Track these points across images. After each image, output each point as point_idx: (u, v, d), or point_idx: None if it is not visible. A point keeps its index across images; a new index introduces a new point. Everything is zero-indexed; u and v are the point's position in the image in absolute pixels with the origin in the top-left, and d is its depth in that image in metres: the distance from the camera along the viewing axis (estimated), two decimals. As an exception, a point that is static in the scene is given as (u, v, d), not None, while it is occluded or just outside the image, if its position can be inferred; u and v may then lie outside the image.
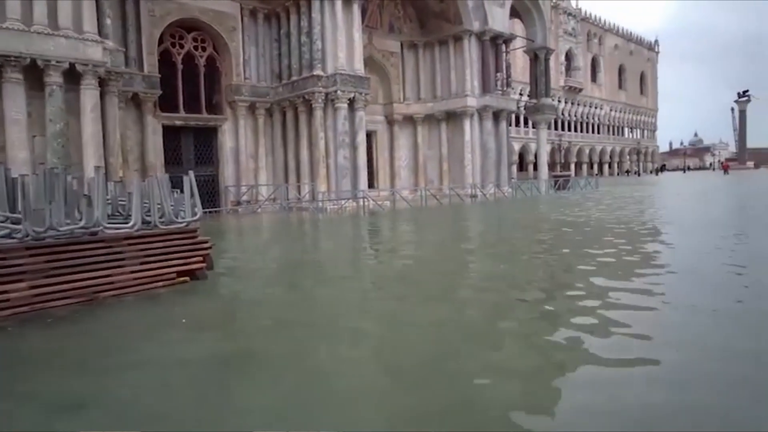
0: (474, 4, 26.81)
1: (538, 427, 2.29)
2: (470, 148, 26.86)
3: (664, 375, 2.78)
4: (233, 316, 4.62)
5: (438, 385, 2.76)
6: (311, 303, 4.89)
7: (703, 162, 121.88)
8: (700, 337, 3.39)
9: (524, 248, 8.22)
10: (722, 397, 2.46)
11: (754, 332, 3.48)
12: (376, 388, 2.78)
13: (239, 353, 3.45)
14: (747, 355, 3.03)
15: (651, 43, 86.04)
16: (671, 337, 3.42)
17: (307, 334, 3.79)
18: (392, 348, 3.47)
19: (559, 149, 60.63)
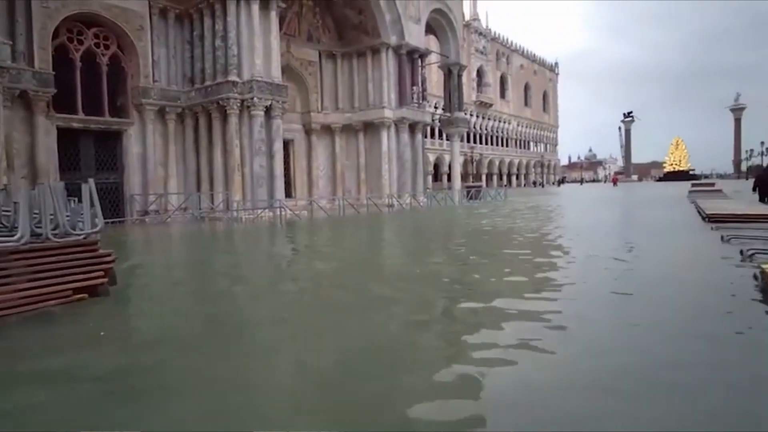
0: (391, 19, 27.58)
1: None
2: (387, 159, 27.46)
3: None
4: (132, 333, 4.39)
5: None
6: (217, 319, 4.76)
7: (596, 174, 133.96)
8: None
9: (436, 255, 8.60)
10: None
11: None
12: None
13: (134, 369, 3.32)
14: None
15: (552, 64, 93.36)
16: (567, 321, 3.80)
17: (206, 353, 3.70)
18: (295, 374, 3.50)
19: (472, 161, 63.64)
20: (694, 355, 3.24)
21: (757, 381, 2.85)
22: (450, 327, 4.28)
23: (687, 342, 3.49)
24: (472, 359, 3.32)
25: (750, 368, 3.05)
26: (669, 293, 5.08)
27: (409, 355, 3.50)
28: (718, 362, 3.11)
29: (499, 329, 3.99)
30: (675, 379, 2.82)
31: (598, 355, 3.31)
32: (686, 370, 2.96)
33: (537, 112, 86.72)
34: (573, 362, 3.19)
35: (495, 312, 4.55)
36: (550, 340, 3.60)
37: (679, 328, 3.84)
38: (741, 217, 10.97)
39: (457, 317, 4.56)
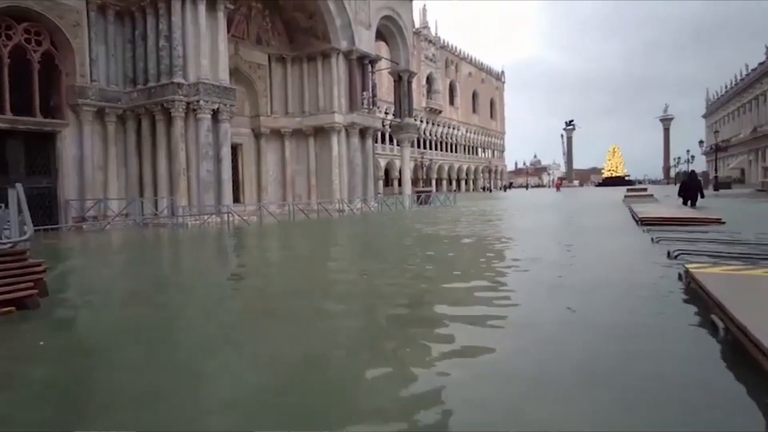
0: (342, 24, 27.63)
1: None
2: (338, 164, 27.41)
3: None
4: (59, 346, 4.17)
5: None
6: (150, 332, 4.58)
7: (541, 180, 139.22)
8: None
9: (383, 261, 8.67)
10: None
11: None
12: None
13: (60, 381, 3.16)
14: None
15: (499, 73, 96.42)
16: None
17: (135, 369, 3.57)
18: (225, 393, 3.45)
19: (422, 166, 64.57)
20: (619, 343, 3.46)
21: (672, 362, 3.07)
22: (397, 336, 4.34)
23: (616, 333, 3.72)
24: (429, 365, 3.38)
25: (664, 353, 3.29)
26: (604, 291, 5.38)
27: (349, 367, 3.52)
28: (637, 350, 3.33)
29: (446, 332, 4.09)
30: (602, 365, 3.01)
31: (539, 344, 3.47)
32: (611, 357, 3.16)
33: (485, 119, 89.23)
34: (512, 355, 3.33)
35: (442, 317, 4.65)
36: (492, 338, 3.73)
37: (611, 322, 4.07)
38: (669, 220, 11.76)
39: (403, 324, 4.62)
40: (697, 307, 4.34)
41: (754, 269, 5.15)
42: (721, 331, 3.47)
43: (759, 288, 4.24)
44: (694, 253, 6.83)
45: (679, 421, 2.43)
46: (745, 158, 62.97)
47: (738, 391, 2.68)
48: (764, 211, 17.81)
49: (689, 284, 4.95)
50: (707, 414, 2.50)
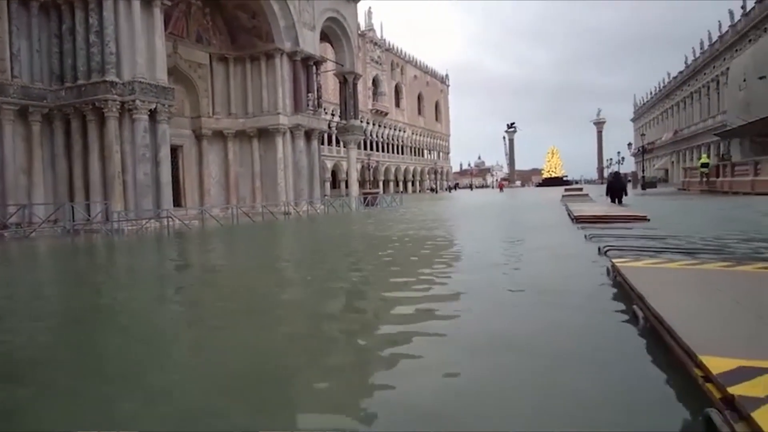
0: (285, 25, 27.30)
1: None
2: (283, 166, 27.05)
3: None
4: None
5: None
6: (73, 347, 4.35)
7: (485, 181, 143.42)
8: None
9: (326, 264, 8.67)
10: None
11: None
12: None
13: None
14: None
15: (443, 76, 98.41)
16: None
17: (53, 383, 3.42)
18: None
19: (369, 168, 64.80)
20: (549, 331, 3.66)
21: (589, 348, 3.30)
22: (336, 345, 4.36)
23: (546, 325, 3.94)
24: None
25: (589, 340, 3.52)
26: (540, 286, 5.65)
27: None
28: (563, 339, 3.55)
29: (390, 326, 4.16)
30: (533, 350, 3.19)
31: (482, 333, 3.61)
32: (539, 341, 3.35)
33: (430, 121, 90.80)
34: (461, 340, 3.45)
35: (389, 314, 4.73)
36: (435, 335, 3.84)
37: (542, 316, 4.30)
38: (601, 218, 12.47)
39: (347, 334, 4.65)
40: (621, 298, 4.65)
41: (671, 262, 5.58)
42: (640, 321, 3.74)
43: (675, 280, 4.61)
44: (622, 248, 7.28)
45: (594, 393, 2.70)
46: (668, 159, 67.71)
47: (652, 372, 2.91)
48: (684, 208, 19.28)
49: (616, 278, 5.28)
50: (620, 388, 2.77)
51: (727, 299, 3.75)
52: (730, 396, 2.11)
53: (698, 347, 2.64)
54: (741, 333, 2.98)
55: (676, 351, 2.88)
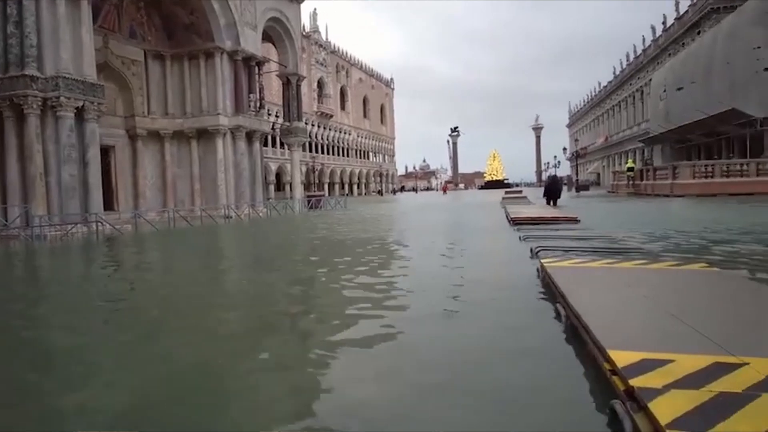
0: (226, 23, 26.55)
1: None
2: (224, 168, 26.27)
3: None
4: None
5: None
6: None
7: (430, 183, 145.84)
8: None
9: (265, 269, 8.50)
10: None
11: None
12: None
13: None
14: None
15: (388, 80, 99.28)
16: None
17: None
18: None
19: (314, 170, 64.27)
20: (478, 330, 3.77)
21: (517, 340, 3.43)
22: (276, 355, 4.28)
23: (475, 322, 4.05)
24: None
25: (514, 336, 3.65)
26: (474, 285, 5.80)
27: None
28: (492, 336, 3.67)
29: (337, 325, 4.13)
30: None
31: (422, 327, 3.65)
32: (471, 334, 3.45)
33: (375, 124, 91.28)
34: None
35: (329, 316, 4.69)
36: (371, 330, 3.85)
37: (473, 316, 4.41)
38: (535, 220, 12.99)
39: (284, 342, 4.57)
40: (548, 297, 4.85)
41: (594, 261, 5.89)
42: (563, 318, 3.92)
43: (595, 278, 4.87)
44: (552, 248, 7.61)
45: (511, 388, 2.84)
46: (600, 163, 71.72)
47: (568, 367, 3.06)
48: (610, 209, 20.49)
49: (544, 278, 5.51)
50: (537, 383, 2.90)
51: (638, 295, 4.00)
52: (631, 388, 2.25)
53: (607, 342, 2.79)
54: (647, 327, 3.19)
55: (590, 346, 3.03)
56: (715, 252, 7.56)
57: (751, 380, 2.26)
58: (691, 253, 7.49)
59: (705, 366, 2.41)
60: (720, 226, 11.52)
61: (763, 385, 2.21)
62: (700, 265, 5.56)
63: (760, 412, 1.96)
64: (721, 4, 37.36)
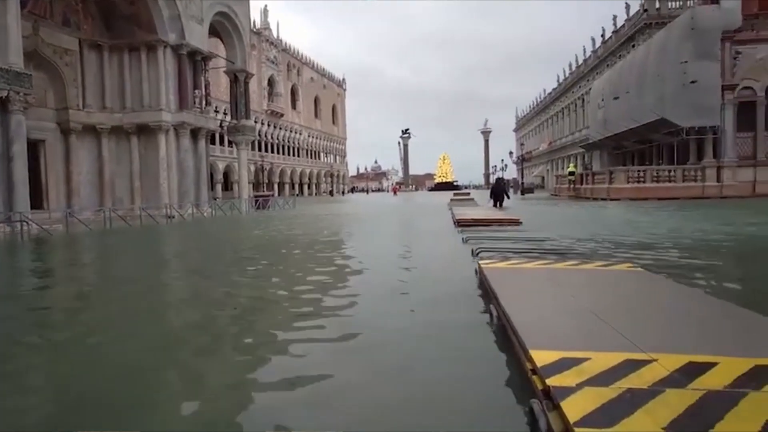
0: (170, 15, 25.54)
1: None
2: (166, 166, 25.25)
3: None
4: None
5: None
6: None
7: (381, 184, 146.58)
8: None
9: (200, 274, 8.23)
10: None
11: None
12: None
13: None
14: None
15: (340, 80, 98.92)
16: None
17: None
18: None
19: (263, 170, 63.02)
20: (414, 330, 3.80)
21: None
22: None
23: (414, 323, 4.08)
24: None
25: (449, 336, 3.70)
26: (415, 286, 5.85)
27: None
28: (426, 336, 3.70)
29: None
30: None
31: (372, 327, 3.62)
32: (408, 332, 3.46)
33: (327, 125, 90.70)
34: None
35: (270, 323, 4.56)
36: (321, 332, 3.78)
37: (410, 316, 4.44)
38: (479, 222, 13.29)
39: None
40: (483, 298, 4.96)
41: (529, 262, 6.08)
42: (494, 319, 4.01)
43: (527, 279, 5.02)
44: (492, 250, 7.80)
45: (439, 387, 2.89)
46: (545, 167, 74.51)
47: (495, 367, 3.12)
48: (552, 212, 21.31)
49: (481, 279, 5.62)
50: (464, 383, 2.96)
51: (565, 295, 4.16)
52: (547, 387, 2.31)
53: (530, 342, 2.87)
54: (569, 327, 3.31)
55: (516, 346, 3.11)
56: (640, 253, 8.00)
57: (657, 376, 2.38)
58: (619, 253, 7.89)
59: (617, 363, 2.52)
60: (648, 229, 12.23)
61: (667, 380, 2.33)
62: (626, 266, 5.86)
63: (662, 407, 2.06)
64: (653, 20, 39.72)
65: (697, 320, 3.51)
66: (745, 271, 6.98)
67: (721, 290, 5.13)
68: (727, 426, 1.92)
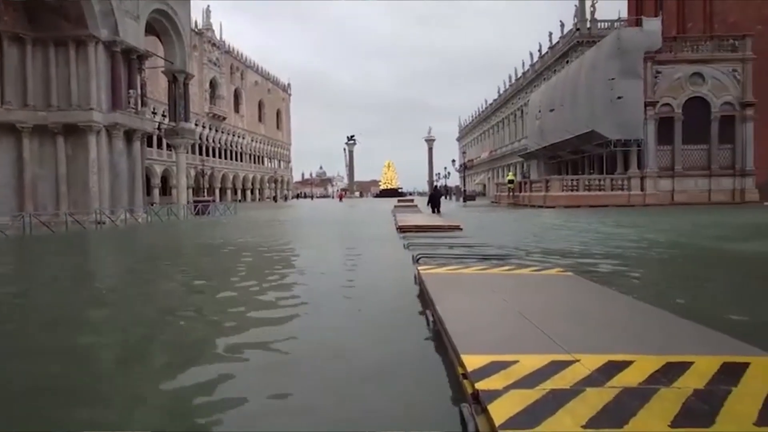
0: (102, 10, 24.23)
1: None
2: (97, 169, 23.81)
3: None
4: None
5: None
6: None
7: (326, 190, 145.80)
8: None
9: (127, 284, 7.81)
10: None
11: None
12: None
13: None
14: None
15: (285, 85, 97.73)
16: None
17: None
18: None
19: (203, 174, 60.96)
20: (350, 337, 3.77)
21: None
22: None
23: (350, 331, 4.05)
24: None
25: (385, 340, 3.71)
26: (355, 291, 5.82)
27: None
28: (365, 341, 3.69)
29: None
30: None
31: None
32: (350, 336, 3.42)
33: (271, 129, 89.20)
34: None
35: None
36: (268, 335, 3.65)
37: (347, 323, 4.41)
38: (421, 228, 13.49)
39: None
40: (422, 304, 5.00)
41: (467, 268, 6.22)
42: (430, 324, 4.06)
43: (464, 284, 5.11)
44: (432, 256, 7.92)
45: (374, 393, 2.88)
46: (486, 175, 76.91)
47: (430, 372, 3.15)
48: (491, 218, 22.00)
49: (420, 285, 5.68)
50: (398, 388, 2.95)
51: (498, 300, 4.27)
52: (476, 391, 2.35)
53: (462, 346, 2.92)
54: (499, 331, 3.40)
55: (449, 351, 3.15)
56: (571, 258, 8.39)
57: (579, 376, 2.48)
58: (550, 259, 8.24)
59: (543, 365, 2.61)
60: (579, 234, 12.88)
61: (588, 380, 2.44)
62: (556, 270, 6.12)
63: (582, 406, 2.14)
64: (584, 38, 42.18)
65: (617, 321, 3.71)
66: (660, 274, 7.49)
67: (632, 288, 5.47)
68: (641, 421, 2.02)
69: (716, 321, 3.97)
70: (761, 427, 1.98)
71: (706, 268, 7.76)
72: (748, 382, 2.44)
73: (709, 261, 8.48)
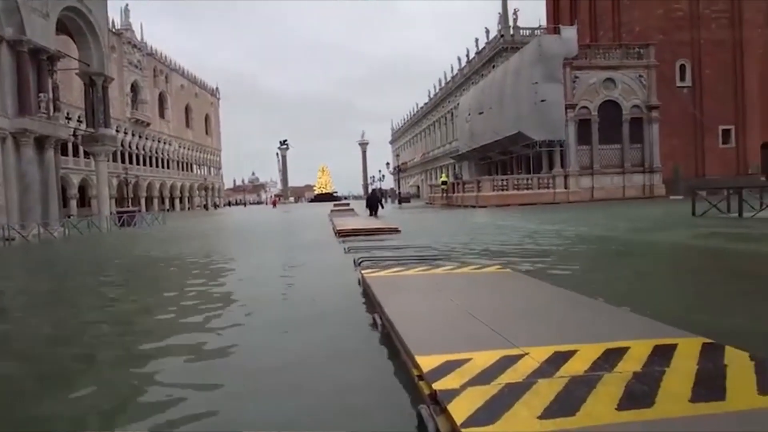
0: (6, 7, 22.26)
1: None
2: (3, 179, 21.77)
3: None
4: None
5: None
6: None
7: (260, 197, 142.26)
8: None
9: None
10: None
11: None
12: None
13: None
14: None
15: (213, 88, 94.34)
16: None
17: None
18: None
19: (126, 183, 57.45)
20: (295, 344, 3.68)
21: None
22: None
23: (295, 339, 3.95)
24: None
25: (333, 344, 3.66)
26: (295, 297, 5.70)
27: None
28: (311, 344, 3.61)
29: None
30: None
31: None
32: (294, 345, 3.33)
33: (200, 135, 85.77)
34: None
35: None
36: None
37: (294, 330, 4.31)
38: (359, 231, 13.49)
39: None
40: (368, 307, 4.98)
41: (410, 269, 6.27)
42: (378, 327, 4.04)
43: (409, 286, 5.15)
44: (373, 258, 7.92)
45: (324, 399, 2.84)
46: (419, 177, 78.38)
47: (381, 376, 3.13)
48: (428, 219, 22.48)
49: (365, 288, 5.66)
50: (350, 393, 2.92)
51: (445, 299, 4.34)
52: (434, 391, 2.36)
53: (415, 348, 2.93)
54: (450, 329, 3.45)
55: (402, 353, 3.15)
56: (506, 255, 8.72)
57: (530, 368, 2.56)
58: (487, 256, 8.52)
59: (495, 360, 2.67)
60: (511, 232, 13.44)
61: (539, 371, 2.52)
62: (496, 268, 6.33)
63: (536, 397, 2.21)
64: (508, 44, 44.13)
65: (557, 313, 3.89)
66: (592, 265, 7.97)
67: (563, 280, 5.78)
68: (591, 407, 2.12)
69: (620, 302, 4.30)
70: (696, 403, 2.14)
71: (622, 257, 8.35)
72: (679, 361, 2.63)
73: (628, 250, 9.14)
